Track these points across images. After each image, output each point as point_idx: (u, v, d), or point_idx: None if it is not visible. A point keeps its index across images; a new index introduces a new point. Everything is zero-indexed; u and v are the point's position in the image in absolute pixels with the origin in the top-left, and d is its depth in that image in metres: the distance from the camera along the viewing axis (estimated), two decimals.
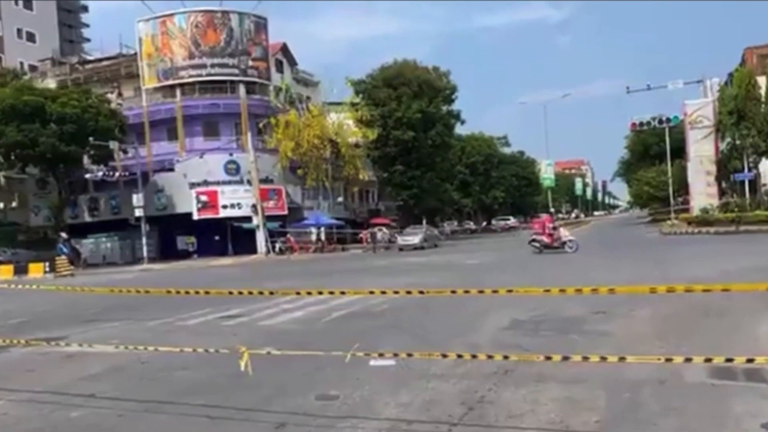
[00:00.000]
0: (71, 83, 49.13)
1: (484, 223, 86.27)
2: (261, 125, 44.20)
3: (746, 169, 36.84)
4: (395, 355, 6.64)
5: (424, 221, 59.10)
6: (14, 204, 52.38)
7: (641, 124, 48.61)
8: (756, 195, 37.29)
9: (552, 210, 76.47)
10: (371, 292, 7.02)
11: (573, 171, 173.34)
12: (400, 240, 40.55)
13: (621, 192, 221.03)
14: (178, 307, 13.63)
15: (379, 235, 43.90)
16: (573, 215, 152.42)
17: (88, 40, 78.41)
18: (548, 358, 5.68)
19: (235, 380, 6.76)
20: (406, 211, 58.21)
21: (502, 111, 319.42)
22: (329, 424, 5.14)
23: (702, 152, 38.87)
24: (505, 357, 5.90)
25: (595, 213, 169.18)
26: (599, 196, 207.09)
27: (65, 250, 36.21)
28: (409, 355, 6.20)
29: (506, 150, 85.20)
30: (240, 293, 6.94)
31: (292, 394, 6.09)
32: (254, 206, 42.52)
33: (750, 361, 4.79)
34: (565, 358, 5.69)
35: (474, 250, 34.16)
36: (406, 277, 19.18)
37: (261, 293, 6.69)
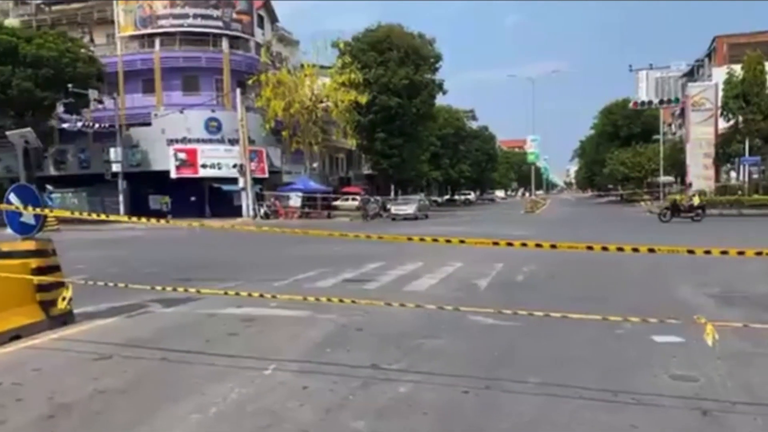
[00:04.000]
0: (36, 24, 45.59)
1: (446, 197, 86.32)
2: (250, 82, 42.06)
3: (747, 153, 37.68)
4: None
5: (392, 192, 58.44)
6: None
7: (642, 103, 49.05)
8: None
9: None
10: (605, 248, 6.21)
11: (517, 149, 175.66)
12: (394, 209, 39.69)
13: (556, 173, 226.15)
14: (266, 270, 12.63)
15: (371, 203, 42.74)
16: (520, 193, 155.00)
17: None
18: None
19: (516, 353, 5.95)
20: (382, 180, 57.31)
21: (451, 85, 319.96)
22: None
23: (702, 135, 39.45)
24: None
25: (537, 192, 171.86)
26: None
27: (50, 203, 33.68)
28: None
29: (473, 124, 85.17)
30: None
31: (631, 372, 5.26)
32: (240, 167, 40.59)
33: None
34: None
35: (477, 221, 33.67)
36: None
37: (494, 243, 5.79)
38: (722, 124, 39.52)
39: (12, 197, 7.36)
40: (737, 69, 36.72)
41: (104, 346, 6.35)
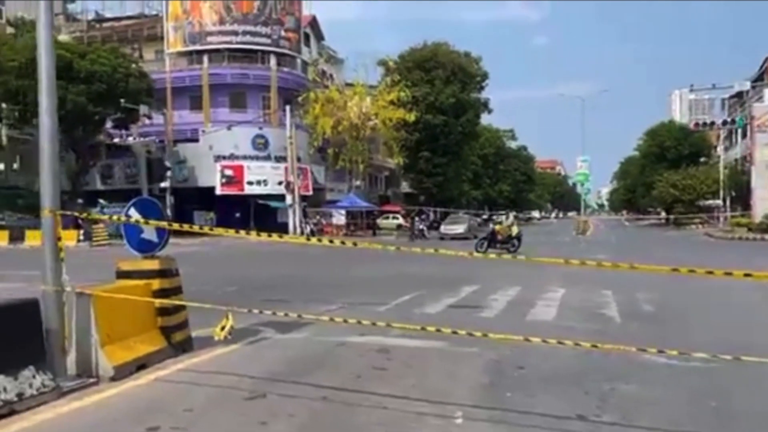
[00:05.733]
0: (87, 41, 45.99)
1: (484, 217, 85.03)
2: (300, 99, 41.83)
3: None
4: None
5: (432, 212, 57.43)
6: (15, 166, 48.90)
7: (704, 124, 47.81)
8: None
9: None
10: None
11: (549, 170, 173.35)
12: (444, 228, 38.98)
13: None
14: (353, 292, 12.00)
15: (417, 221, 42.03)
16: (554, 215, 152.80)
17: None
18: None
19: (734, 403, 5.07)
20: (425, 200, 56.41)
21: None
22: None
23: None
24: None
25: (569, 214, 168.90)
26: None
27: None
28: None
29: (512, 144, 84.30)
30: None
31: None
32: (287, 184, 40.19)
33: None
34: None
35: (532, 243, 32.57)
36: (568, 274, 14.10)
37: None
38: None
39: (132, 211, 6.75)
40: None
41: (245, 380, 5.67)
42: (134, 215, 6.73)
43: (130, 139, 38.43)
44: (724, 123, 46.32)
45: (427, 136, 49.24)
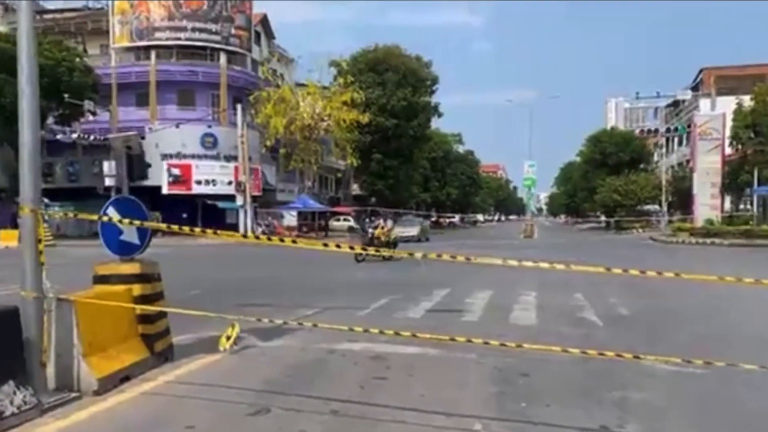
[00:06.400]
0: None
1: (432, 219, 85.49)
2: (252, 98, 41.04)
3: (756, 183, 37.79)
4: None
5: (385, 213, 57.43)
6: None
7: (648, 131, 49.21)
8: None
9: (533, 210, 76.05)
10: None
11: (491, 174, 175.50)
12: (397, 230, 38.74)
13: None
14: (325, 296, 11.69)
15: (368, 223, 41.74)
16: (496, 218, 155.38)
17: None
18: None
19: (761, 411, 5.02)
20: (377, 202, 56.33)
21: None
22: None
23: (709, 164, 39.37)
24: None
25: (510, 217, 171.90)
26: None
27: (47, 218, 32.01)
28: None
29: (459, 148, 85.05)
30: None
31: None
32: (239, 184, 39.35)
33: None
34: None
35: (487, 246, 32.80)
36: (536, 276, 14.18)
37: None
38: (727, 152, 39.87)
39: (111, 211, 6.30)
40: (746, 99, 36.93)
41: (243, 392, 5.33)
42: (113, 215, 6.29)
43: (74, 136, 36.83)
44: (668, 130, 47.88)
45: (379, 139, 49.22)
